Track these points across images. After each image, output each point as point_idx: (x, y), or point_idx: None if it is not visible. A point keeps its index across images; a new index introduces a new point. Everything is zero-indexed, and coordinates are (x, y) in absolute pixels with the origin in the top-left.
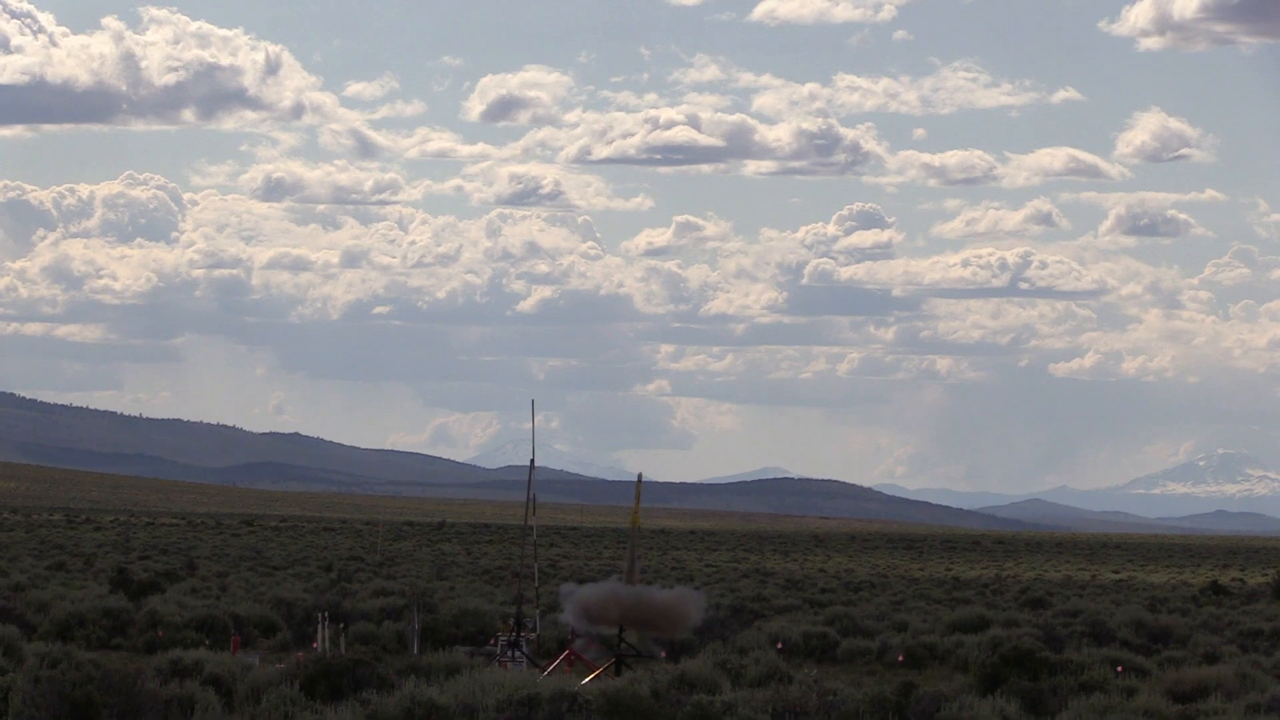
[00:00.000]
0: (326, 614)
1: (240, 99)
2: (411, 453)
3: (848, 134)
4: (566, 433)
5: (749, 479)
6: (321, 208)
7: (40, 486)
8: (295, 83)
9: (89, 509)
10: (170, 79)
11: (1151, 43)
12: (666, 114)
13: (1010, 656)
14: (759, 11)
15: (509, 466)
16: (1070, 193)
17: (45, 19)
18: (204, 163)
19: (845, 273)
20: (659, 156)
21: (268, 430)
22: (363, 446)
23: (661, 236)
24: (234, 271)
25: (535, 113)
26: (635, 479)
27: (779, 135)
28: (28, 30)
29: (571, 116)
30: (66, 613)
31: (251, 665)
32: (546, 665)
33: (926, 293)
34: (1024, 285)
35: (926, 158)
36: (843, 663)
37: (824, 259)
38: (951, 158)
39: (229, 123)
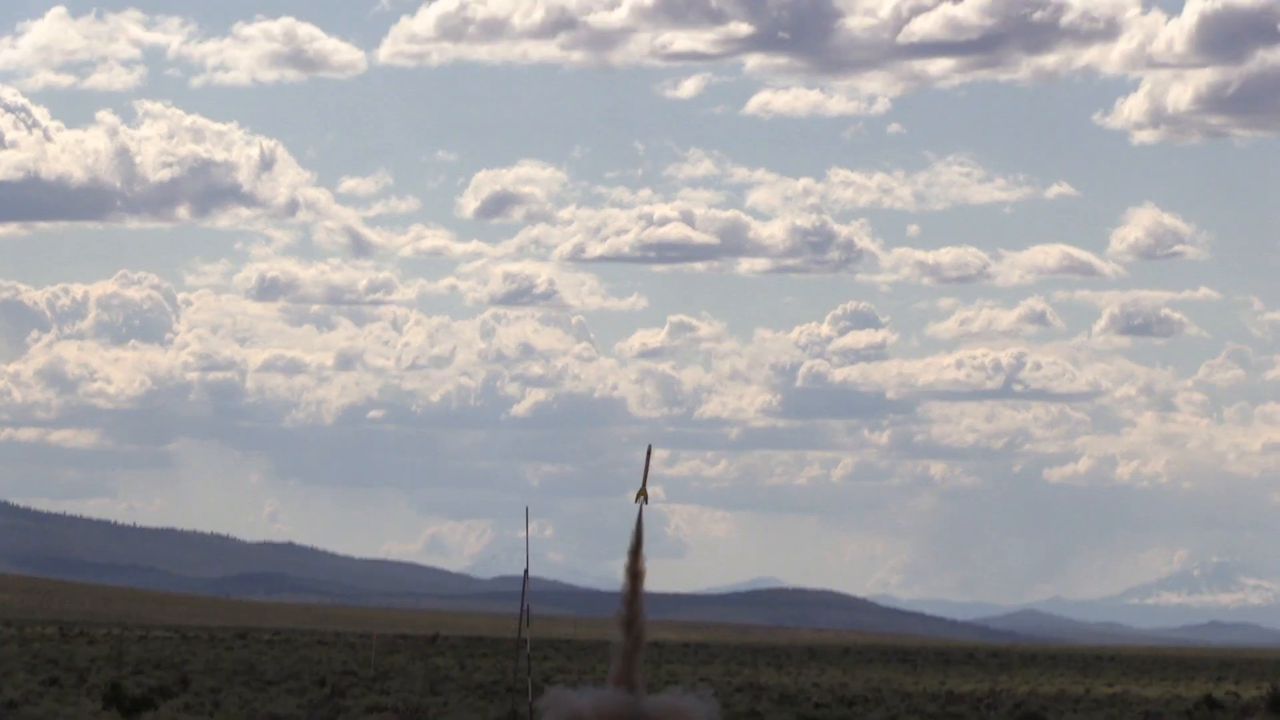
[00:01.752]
0: None
1: (234, 195)
2: (405, 562)
3: (841, 231)
4: (560, 541)
5: (743, 589)
6: (315, 308)
7: (33, 598)
8: (289, 178)
9: (82, 621)
10: (164, 175)
11: (1145, 136)
12: (660, 210)
13: None
14: (753, 104)
15: (502, 577)
16: (1064, 291)
17: (40, 113)
18: (198, 261)
19: (839, 374)
20: (653, 254)
21: (261, 539)
22: (356, 556)
23: (655, 337)
24: (228, 374)
25: (529, 209)
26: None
27: (773, 232)
28: (22, 125)
29: (565, 213)
30: None
31: None
32: None
33: (920, 395)
34: (1018, 387)
35: (920, 255)
36: None
37: (818, 360)
38: (945, 255)
39: (223, 220)
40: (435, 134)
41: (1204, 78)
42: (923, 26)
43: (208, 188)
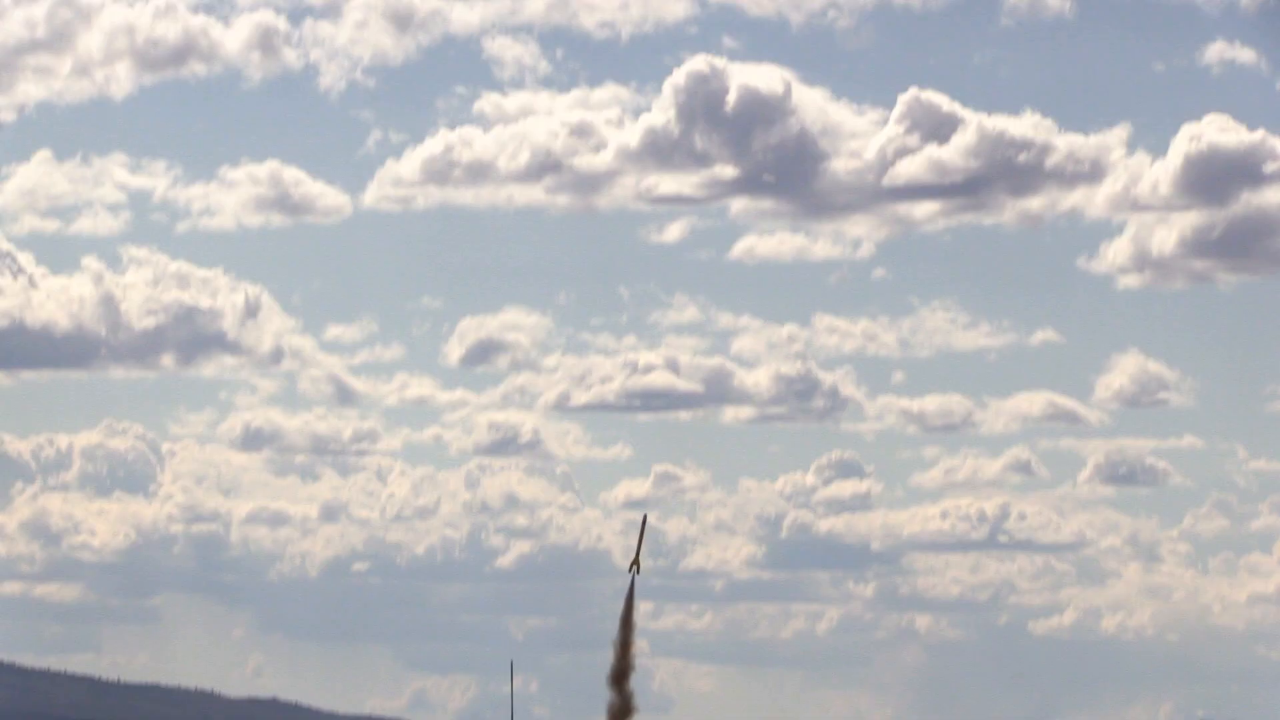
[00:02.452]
0: None
1: (219, 343)
2: (390, 719)
3: (826, 378)
4: (546, 695)
5: None
6: (300, 458)
7: None
8: (274, 325)
9: None
10: (149, 323)
11: (1130, 280)
12: (645, 358)
13: None
14: (738, 249)
15: None
16: (1049, 440)
17: (25, 259)
18: (183, 410)
19: (824, 525)
20: (638, 403)
21: (246, 695)
22: (341, 712)
23: (640, 487)
24: (212, 527)
25: (514, 357)
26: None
27: (758, 380)
28: (7, 271)
29: (550, 360)
30: None
31: None
32: None
33: (906, 546)
34: (1003, 538)
35: (904, 403)
36: None
37: (802, 510)
38: (930, 403)
39: (208, 368)
40: (420, 279)
41: (1189, 221)
42: (907, 169)
43: (193, 336)
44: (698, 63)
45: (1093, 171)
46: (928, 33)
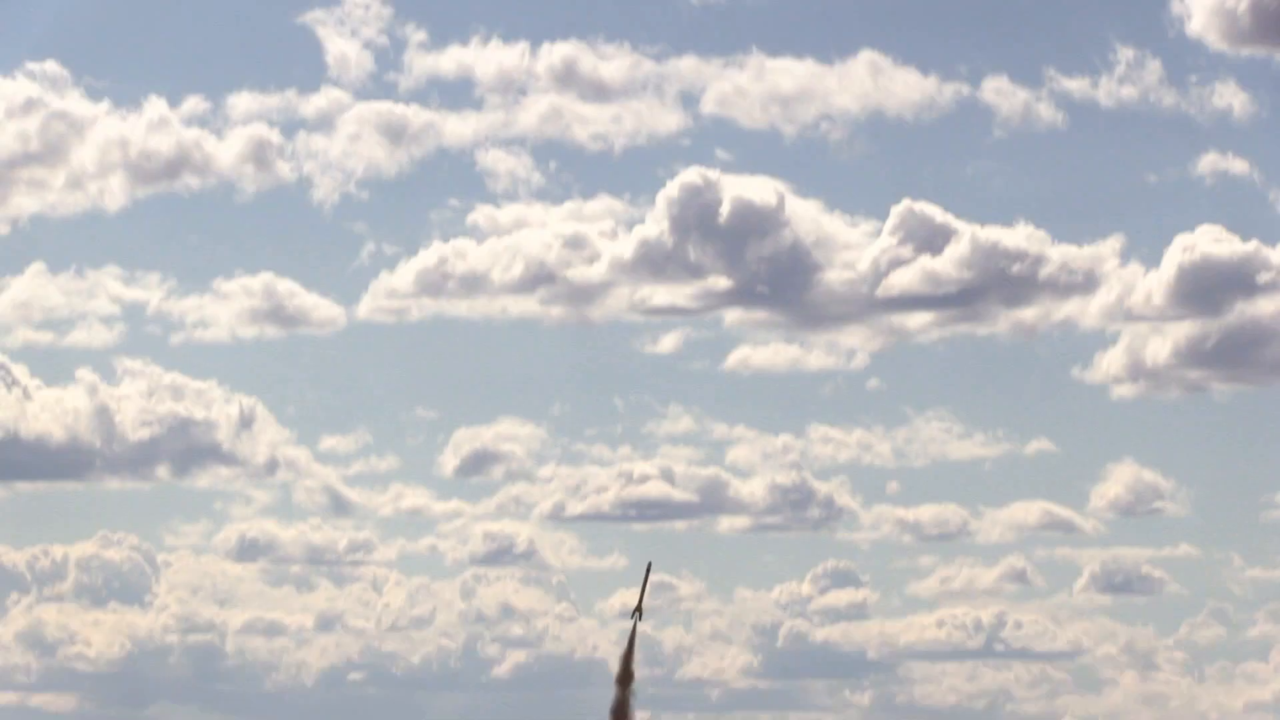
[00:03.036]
0: None
1: (214, 455)
2: None
3: (821, 488)
4: None
5: None
6: (295, 568)
7: None
8: (269, 437)
9: None
10: (144, 434)
11: (1124, 390)
12: (640, 468)
13: None
14: (733, 359)
15: None
16: (1044, 548)
17: (19, 371)
18: (178, 521)
19: (820, 634)
20: (633, 513)
21: None
22: None
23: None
24: (208, 637)
25: (509, 467)
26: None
27: (753, 490)
28: (1, 384)
29: (545, 471)
30: None
31: None
32: None
33: (902, 655)
34: (999, 647)
35: (900, 513)
36: None
37: (798, 619)
38: (925, 513)
39: (203, 480)
40: (415, 391)
41: (1183, 331)
42: (901, 280)
43: (187, 447)
44: (691, 175)
45: (1086, 282)
46: (920, 145)
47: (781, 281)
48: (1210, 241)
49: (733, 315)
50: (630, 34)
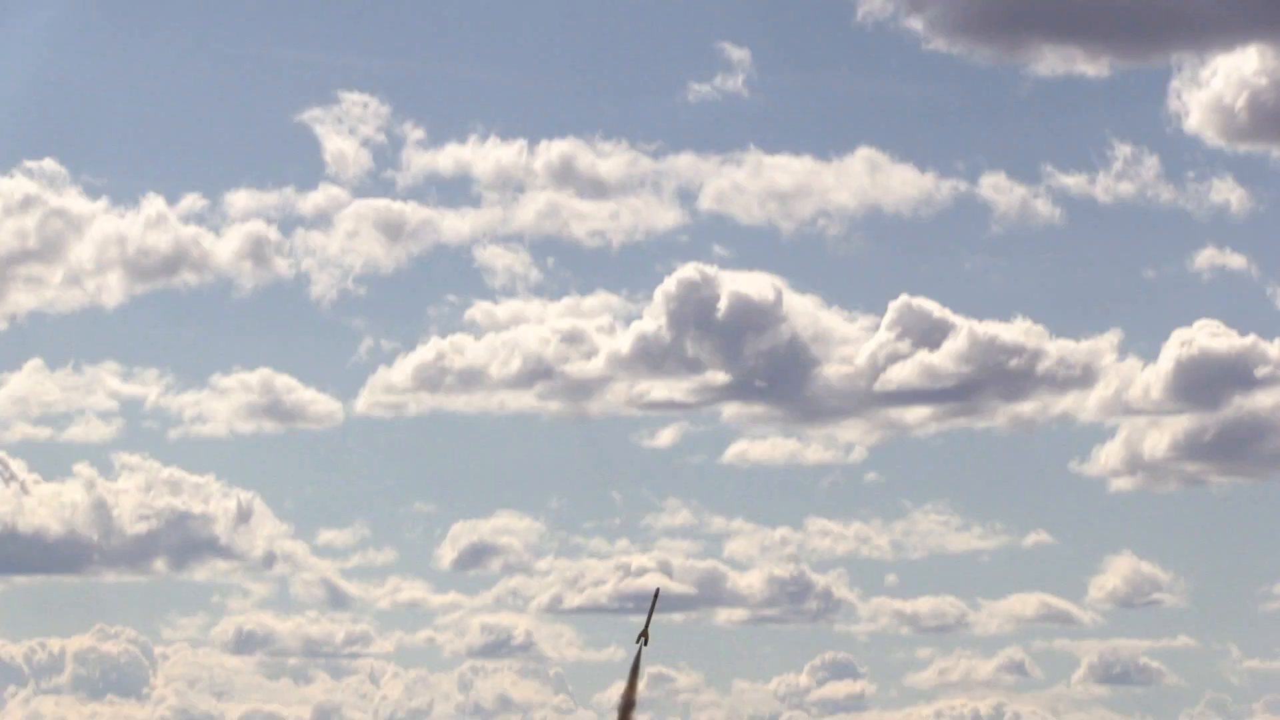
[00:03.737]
0: None
1: (212, 548)
2: None
3: (819, 580)
4: None
5: None
6: (293, 661)
7: None
8: (267, 530)
9: None
10: (141, 528)
11: (1122, 483)
12: (638, 560)
13: None
14: (730, 453)
15: None
16: (1043, 640)
17: (17, 466)
18: (175, 614)
19: None
20: (631, 605)
21: None
22: None
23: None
24: None
25: (507, 560)
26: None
27: (750, 582)
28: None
29: (543, 564)
30: None
31: None
32: None
33: None
34: None
35: (898, 604)
36: None
37: (797, 710)
38: (923, 604)
39: (200, 573)
40: (413, 485)
41: (1181, 424)
42: (899, 375)
43: (185, 541)
44: (688, 270)
45: (1084, 376)
46: (918, 240)
47: (779, 376)
48: (1208, 336)
49: (730, 409)
50: (628, 131)
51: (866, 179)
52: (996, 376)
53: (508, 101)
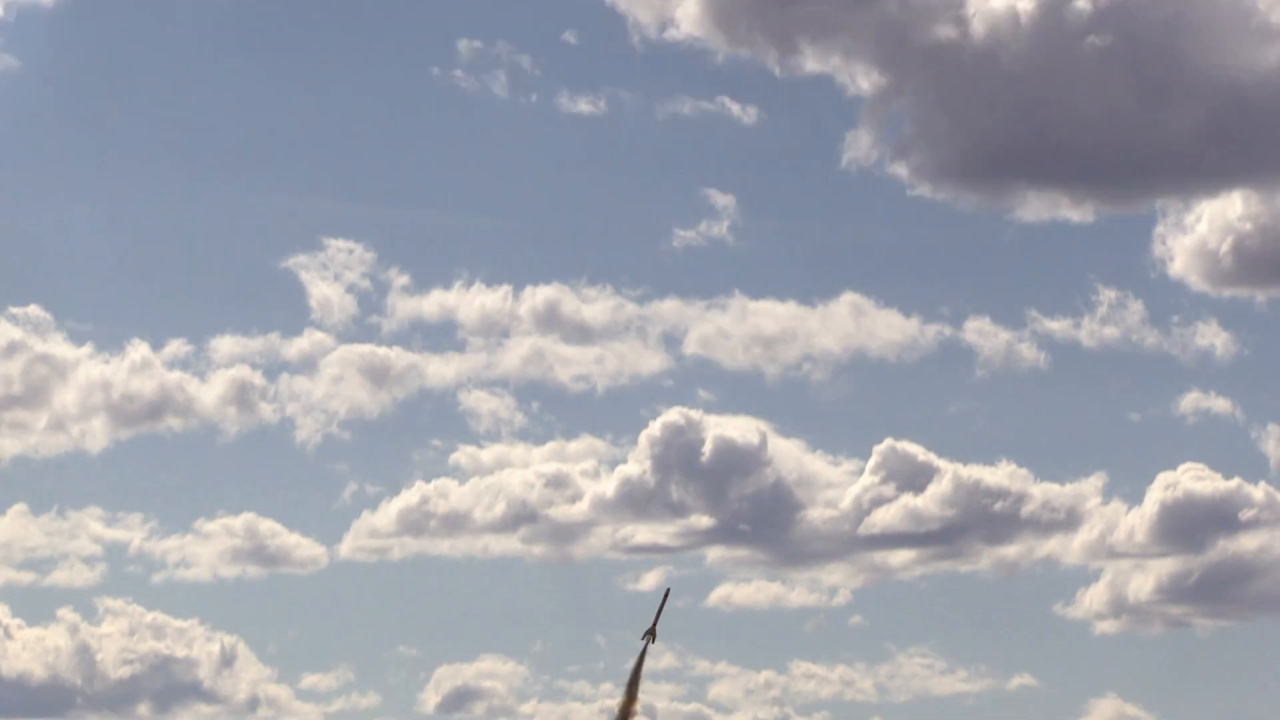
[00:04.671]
0: None
1: (195, 692)
2: None
3: None
4: None
5: None
6: None
7: None
8: (250, 675)
9: None
10: (125, 672)
11: (1107, 626)
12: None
13: None
14: (715, 597)
15: None
16: None
17: (1, 610)
18: None
19: None
20: None
21: None
22: None
23: None
24: None
25: (491, 704)
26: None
27: None
28: None
29: (527, 708)
30: None
31: None
32: None
33: None
34: None
35: None
36: None
37: None
38: None
39: (184, 717)
40: (397, 628)
41: (1166, 568)
42: (883, 518)
43: (169, 685)
44: (673, 415)
45: (1069, 519)
46: (902, 384)
47: (764, 520)
48: (1192, 479)
49: (715, 553)
50: (612, 277)
51: (851, 324)
52: (981, 520)
53: (492, 248)
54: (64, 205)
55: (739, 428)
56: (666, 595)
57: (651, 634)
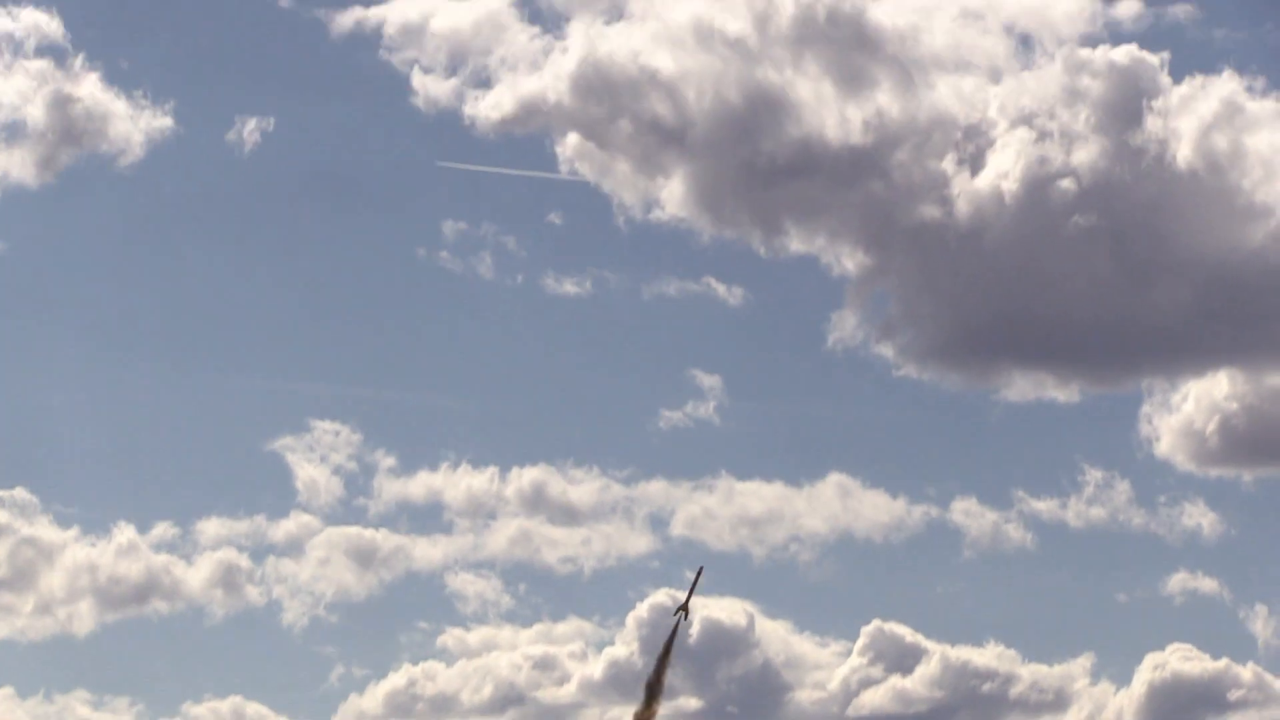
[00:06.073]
0: None
1: None
2: None
3: None
4: None
5: None
6: None
7: None
8: None
9: None
10: None
11: None
12: None
13: None
14: None
15: None
16: None
17: None
18: None
19: None
20: None
21: None
22: None
23: None
24: None
25: None
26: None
27: None
28: None
29: None
30: None
31: None
32: None
33: None
34: None
35: None
36: None
37: None
38: None
39: None
40: None
41: None
42: (871, 699)
43: None
44: (660, 596)
45: (1057, 700)
46: (890, 565)
47: (752, 702)
48: (1181, 660)
49: None
50: (599, 458)
51: (838, 505)
52: (970, 701)
53: (479, 429)
54: (50, 387)
55: (726, 609)
56: (700, 572)
57: (684, 610)
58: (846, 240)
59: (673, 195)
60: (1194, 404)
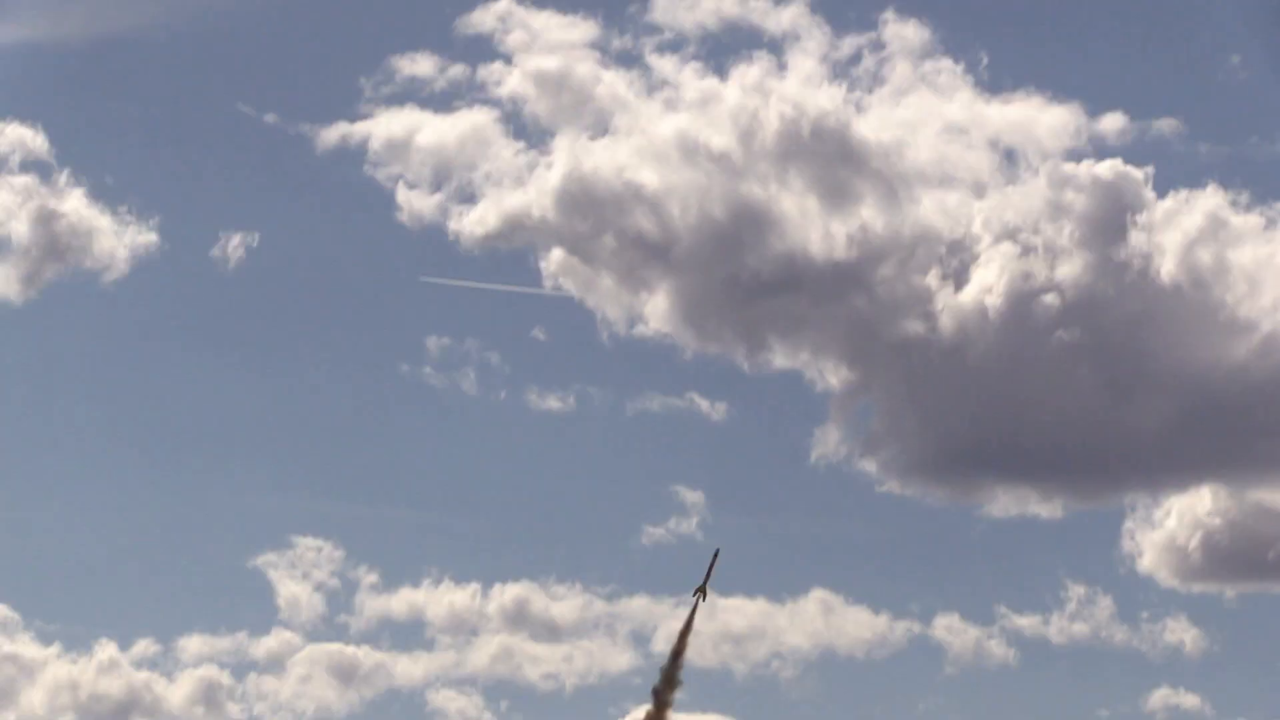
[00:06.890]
0: None
1: None
2: None
3: None
4: None
5: None
6: None
7: None
8: None
9: None
10: None
11: None
12: None
13: None
14: None
15: None
16: None
17: None
18: None
19: None
20: None
21: None
22: None
23: None
24: None
25: None
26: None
27: None
28: None
29: None
30: None
31: None
32: None
33: None
34: None
35: None
36: None
37: None
38: None
39: None
40: None
41: None
42: None
43: None
44: (642, 714)
45: None
46: (872, 681)
47: None
48: None
49: None
50: (581, 574)
51: (820, 621)
52: None
53: (461, 545)
54: (31, 503)
55: None
56: (717, 554)
57: (702, 591)
58: (830, 355)
59: (656, 310)
60: (1176, 520)
